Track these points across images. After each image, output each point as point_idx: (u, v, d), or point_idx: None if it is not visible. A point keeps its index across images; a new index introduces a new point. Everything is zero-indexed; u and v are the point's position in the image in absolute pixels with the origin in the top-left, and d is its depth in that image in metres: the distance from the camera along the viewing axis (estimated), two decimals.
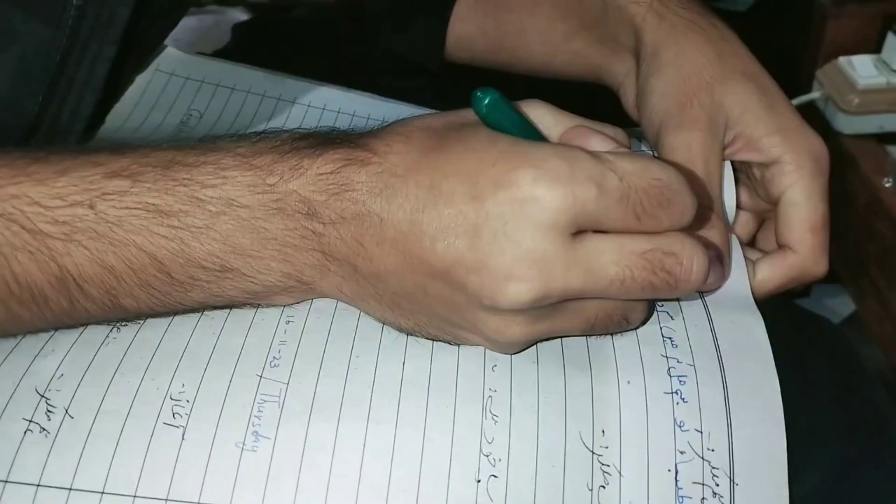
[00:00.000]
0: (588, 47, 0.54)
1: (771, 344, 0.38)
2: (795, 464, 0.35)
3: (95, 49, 0.46)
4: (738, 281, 0.42)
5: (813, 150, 0.45)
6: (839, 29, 0.84)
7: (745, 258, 0.44)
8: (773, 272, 0.45)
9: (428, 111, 0.60)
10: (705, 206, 0.43)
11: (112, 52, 0.46)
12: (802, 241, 0.45)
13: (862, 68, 0.79)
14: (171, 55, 0.58)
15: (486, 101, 0.34)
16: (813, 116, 0.85)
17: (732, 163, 0.47)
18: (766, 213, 0.49)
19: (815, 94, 0.83)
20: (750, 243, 0.50)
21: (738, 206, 0.48)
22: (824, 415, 0.38)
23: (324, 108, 0.59)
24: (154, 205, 0.35)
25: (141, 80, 0.57)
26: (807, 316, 0.45)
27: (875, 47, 0.81)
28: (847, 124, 0.80)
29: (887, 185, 0.75)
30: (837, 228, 0.83)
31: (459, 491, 0.34)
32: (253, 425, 0.35)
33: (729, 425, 0.35)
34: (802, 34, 0.90)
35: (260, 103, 0.58)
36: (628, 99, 0.52)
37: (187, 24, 0.96)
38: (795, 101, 0.83)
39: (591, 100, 0.56)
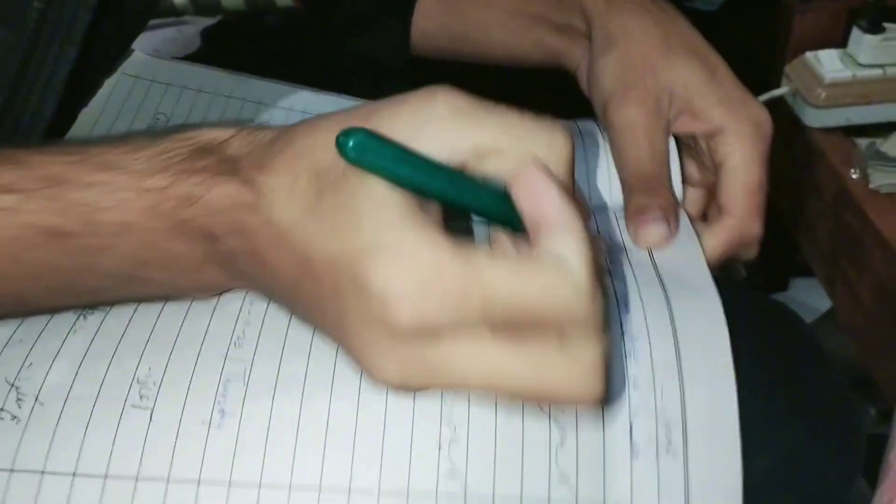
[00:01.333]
0: (546, 35, 0.57)
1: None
2: (746, 448, 0.35)
3: (57, 51, 0.46)
4: (691, 252, 0.44)
5: (754, 118, 0.48)
6: (806, 24, 0.85)
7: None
8: (715, 238, 0.47)
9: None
10: (651, 178, 0.46)
11: (73, 53, 0.47)
12: (738, 205, 0.47)
13: (828, 62, 0.80)
14: (136, 59, 0.59)
15: (350, 146, 0.30)
16: (782, 111, 0.86)
17: (679, 139, 0.49)
18: (705, 183, 0.52)
19: (783, 90, 0.83)
20: (703, 219, 0.51)
21: (687, 182, 0.50)
22: (777, 398, 0.38)
23: (290, 110, 0.60)
24: (48, 226, 0.34)
25: (107, 84, 0.58)
26: (763, 301, 0.46)
27: (841, 42, 0.82)
28: (815, 118, 0.81)
29: (854, 175, 0.75)
30: (808, 221, 0.85)
31: (422, 459, 0.35)
32: (218, 403, 0.36)
33: (681, 384, 0.36)
34: (771, 31, 0.91)
35: (226, 105, 0.59)
36: (584, 81, 0.55)
37: (166, 34, 0.96)
38: (764, 97, 0.83)
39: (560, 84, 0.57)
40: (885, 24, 0.78)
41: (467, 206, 0.34)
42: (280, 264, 0.33)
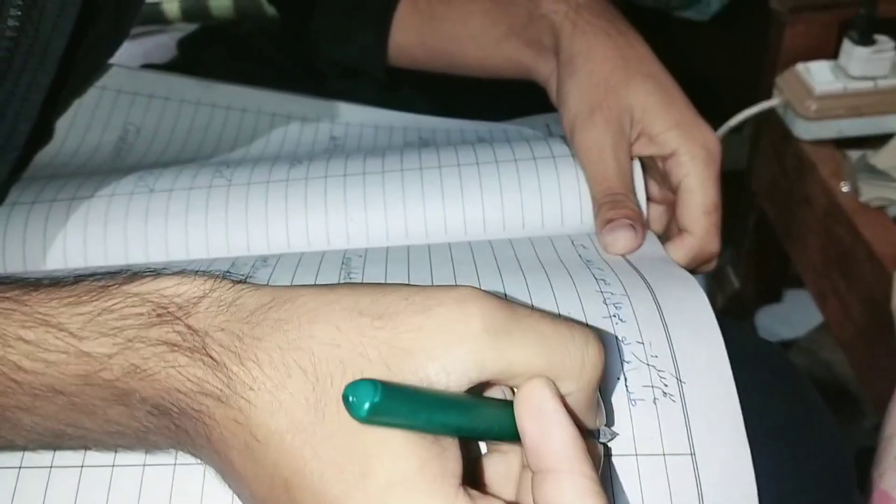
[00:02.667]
0: (517, 50, 0.57)
1: None
2: None
3: (29, 79, 0.44)
4: (660, 254, 0.46)
5: (705, 142, 0.49)
6: (796, 36, 0.84)
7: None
8: (676, 253, 0.49)
9: (371, 109, 0.60)
10: (617, 192, 0.48)
11: (47, 81, 0.45)
12: (697, 223, 0.49)
13: (819, 74, 0.79)
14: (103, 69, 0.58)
15: (364, 409, 0.25)
16: (773, 123, 0.85)
17: (642, 159, 0.51)
18: (666, 201, 0.53)
19: (774, 101, 0.83)
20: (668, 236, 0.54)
21: (651, 200, 0.53)
22: (761, 444, 0.37)
23: (259, 112, 0.59)
24: None
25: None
26: (749, 336, 0.45)
27: (833, 53, 0.81)
28: (806, 130, 0.80)
29: (845, 189, 0.74)
30: (799, 233, 0.83)
31: None
32: None
33: (667, 334, 0.37)
34: (762, 42, 0.90)
35: (195, 112, 0.58)
36: (553, 95, 0.56)
37: (147, 45, 0.95)
38: (755, 109, 0.82)
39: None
40: (876, 36, 0.77)
41: (487, 438, 0.31)
42: (248, 474, 0.28)
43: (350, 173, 0.49)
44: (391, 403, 0.26)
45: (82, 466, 0.34)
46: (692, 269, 0.49)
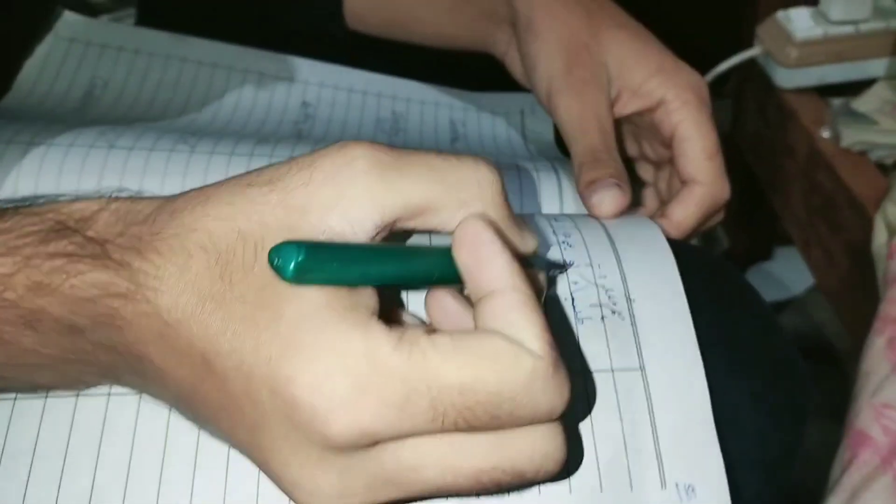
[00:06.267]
0: (471, 21, 0.56)
1: None
2: None
3: None
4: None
5: (691, 84, 0.47)
6: None
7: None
8: (687, 209, 0.46)
9: (345, 69, 0.60)
10: (600, 151, 0.45)
11: None
12: (703, 170, 0.46)
13: (799, 21, 0.78)
14: (69, 20, 0.58)
15: (291, 269, 0.25)
16: (755, 74, 0.84)
17: (627, 121, 0.49)
18: (663, 160, 0.51)
19: (755, 51, 0.82)
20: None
21: (646, 160, 0.51)
22: (712, 358, 0.36)
23: (230, 69, 0.58)
24: None
25: (41, 49, 0.57)
26: (703, 255, 0.44)
27: (815, 0, 0.80)
28: (787, 78, 0.79)
29: (825, 135, 0.74)
30: (782, 184, 0.83)
31: None
32: None
33: (617, 256, 0.37)
34: None
35: (165, 66, 0.58)
36: (515, 67, 0.54)
37: None
38: (735, 59, 0.82)
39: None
40: None
41: (412, 285, 0.31)
42: (168, 365, 0.28)
43: None
44: (318, 259, 0.26)
45: (46, 397, 0.33)
46: (704, 224, 0.47)
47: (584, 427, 0.32)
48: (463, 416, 0.26)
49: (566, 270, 0.35)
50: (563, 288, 0.35)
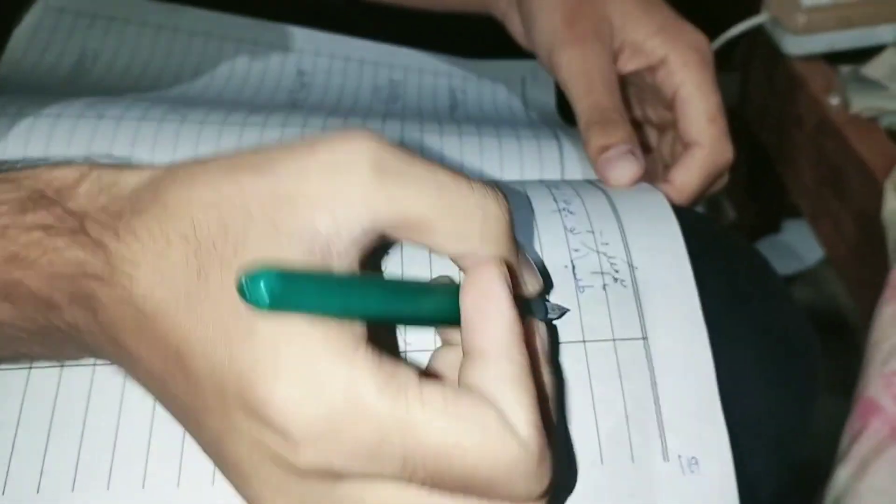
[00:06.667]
0: None
1: None
2: None
3: None
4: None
5: (694, 43, 0.46)
6: None
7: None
8: (689, 172, 0.45)
9: (340, 37, 0.58)
10: (607, 108, 0.43)
11: None
12: (705, 132, 0.45)
13: None
14: None
15: (262, 300, 0.23)
16: (761, 41, 0.83)
17: (629, 78, 0.47)
18: (666, 122, 0.49)
19: (761, 17, 0.80)
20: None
21: (646, 122, 0.50)
22: (718, 327, 0.35)
23: (223, 38, 0.57)
24: None
25: (30, 17, 0.55)
26: (707, 222, 0.43)
27: None
28: (795, 45, 0.77)
29: (834, 102, 0.72)
30: (790, 154, 0.81)
31: None
32: None
33: (619, 221, 0.36)
34: None
35: (156, 36, 0.57)
36: (514, 28, 0.53)
37: None
38: (741, 26, 0.80)
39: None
40: None
41: (400, 321, 0.29)
42: (142, 354, 0.27)
43: (310, 126, 0.47)
44: (294, 291, 0.24)
45: (30, 368, 0.33)
46: (707, 189, 0.46)
47: (584, 398, 0.31)
48: (433, 479, 0.25)
49: (565, 314, 0.33)
50: (562, 255, 0.34)
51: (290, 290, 0.23)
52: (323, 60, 0.58)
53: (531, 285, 0.29)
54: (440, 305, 0.28)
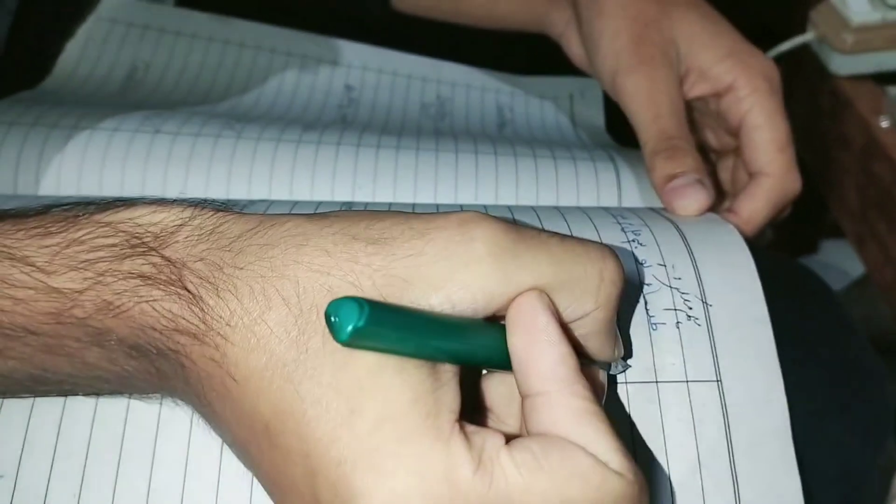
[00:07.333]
0: None
1: None
2: None
3: None
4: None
5: (763, 70, 0.45)
6: None
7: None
8: (756, 203, 0.44)
9: (388, 51, 0.58)
10: (674, 135, 0.43)
11: (13, 4, 0.43)
12: (773, 162, 0.44)
13: (856, 5, 0.75)
14: (111, 1, 0.56)
15: (347, 332, 0.23)
16: (807, 60, 0.82)
17: (692, 104, 0.46)
18: (727, 148, 0.49)
19: (808, 36, 0.79)
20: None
21: (708, 149, 0.49)
22: (797, 364, 0.34)
23: (273, 51, 0.57)
24: None
25: (82, 30, 0.56)
26: (781, 259, 0.42)
27: None
28: (842, 65, 0.76)
29: (884, 124, 0.71)
30: (835, 176, 0.80)
31: None
32: None
33: (692, 256, 0.35)
34: None
35: (207, 49, 0.56)
36: (572, 49, 0.52)
37: None
38: (787, 45, 0.79)
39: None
40: None
41: (488, 365, 0.28)
42: (228, 419, 0.26)
43: (364, 144, 0.47)
44: (379, 325, 0.23)
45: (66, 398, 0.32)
46: (774, 220, 0.45)
47: (657, 442, 0.31)
48: None
49: (627, 370, 0.33)
50: (633, 292, 0.34)
51: (375, 324, 0.23)
52: (371, 75, 0.58)
53: (616, 352, 0.29)
54: (502, 345, 0.27)
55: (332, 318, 0.23)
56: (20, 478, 0.30)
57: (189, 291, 0.26)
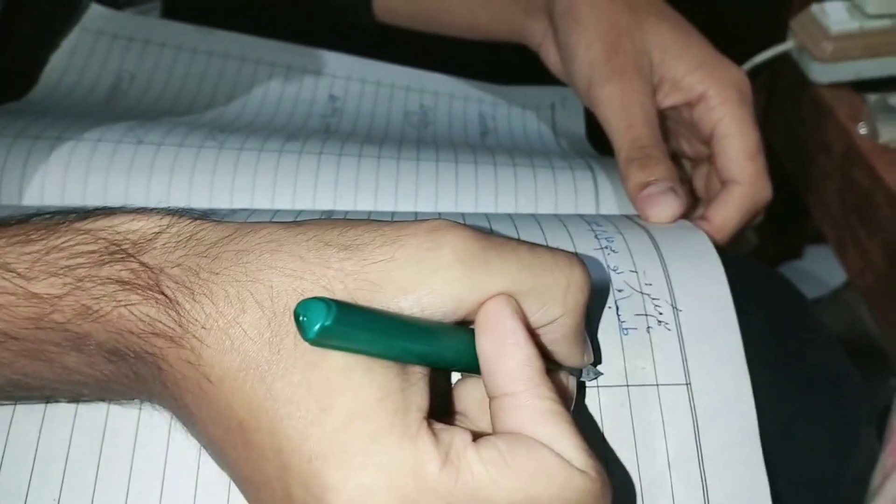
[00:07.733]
0: (505, 8, 0.55)
1: None
2: None
3: None
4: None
5: (734, 80, 0.46)
6: None
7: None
8: (728, 210, 0.45)
9: (372, 62, 0.59)
10: (647, 144, 0.43)
11: None
12: (744, 170, 0.45)
13: (834, 14, 0.76)
14: (95, 12, 0.57)
15: (314, 331, 0.24)
16: (788, 69, 0.83)
17: (666, 113, 0.47)
18: (701, 157, 0.50)
19: (788, 44, 0.80)
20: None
21: (682, 157, 0.50)
22: (768, 371, 0.35)
23: (257, 62, 0.57)
24: None
25: (67, 41, 0.56)
26: (756, 267, 0.43)
27: None
28: (822, 73, 0.77)
29: (862, 131, 0.72)
30: (816, 182, 0.81)
31: None
32: None
33: (663, 263, 0.35)
34: None
35: (192, 60, 0.57)
36: (550, 59, 0.53)
37: None
38: (767, 53, 0.80)
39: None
40: None
41: (456, 368, 0.29)
42: (203, 419, 0.27)
43: (346, 153, 0.48)
44: (346, 325, 0.24)
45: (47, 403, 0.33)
46: (745, 227, 0.46)
47: (627, 444, 0.31)
48: None
49: (598, 377, 0.33)
50: (604, 297, 0.34)
51: (343, 324, 0.24)
52: (354, 85, 0.58)
53: (585, 358, 0.30)
54: (470, 348, 0.28)
55: (301, 318, 0.24)
56: (1, 482, 0.30)
57: (166, 296, 0.27)
